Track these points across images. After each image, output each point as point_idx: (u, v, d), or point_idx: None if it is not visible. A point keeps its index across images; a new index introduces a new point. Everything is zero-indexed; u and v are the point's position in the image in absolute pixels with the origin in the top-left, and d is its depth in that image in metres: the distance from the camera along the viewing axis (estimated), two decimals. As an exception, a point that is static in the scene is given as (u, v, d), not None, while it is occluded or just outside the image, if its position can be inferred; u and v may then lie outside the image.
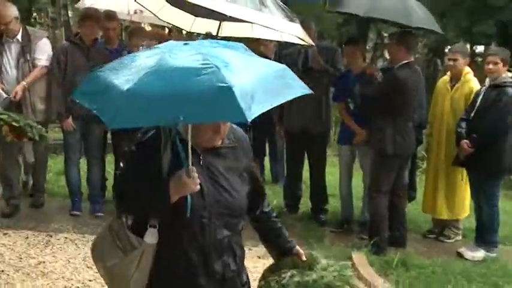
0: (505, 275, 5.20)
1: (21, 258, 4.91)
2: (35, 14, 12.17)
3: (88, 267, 4.76)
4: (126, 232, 2.08)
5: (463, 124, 5.41)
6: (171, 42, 2.08)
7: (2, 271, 4.60)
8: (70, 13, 12.60)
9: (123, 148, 5.49)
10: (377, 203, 5.45)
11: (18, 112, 5.22)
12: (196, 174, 1.98)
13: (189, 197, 2.01)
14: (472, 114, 5.35)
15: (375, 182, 5.45)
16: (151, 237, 2.05)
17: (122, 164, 2.03)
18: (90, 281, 4.62)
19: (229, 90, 1.70)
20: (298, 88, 2.01)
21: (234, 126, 2.24)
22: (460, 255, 5.66)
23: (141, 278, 2.09)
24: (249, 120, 1.71)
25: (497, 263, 5.46)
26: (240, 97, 1.71)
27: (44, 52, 5.64)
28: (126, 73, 1.89)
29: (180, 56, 1.86)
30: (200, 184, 2.01)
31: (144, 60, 1.91)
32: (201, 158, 2.09)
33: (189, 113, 1.76)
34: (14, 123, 4.89)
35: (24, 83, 5.44)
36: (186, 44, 1.97)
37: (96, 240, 2.23)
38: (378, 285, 4.74)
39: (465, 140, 5.27)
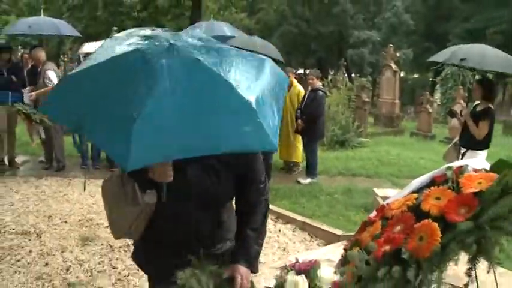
0: (320, 190, 7.50)
1: (54, 192, 6.94)
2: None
3: (91, 196, 6.51)
4: (134, 187, 1.88)
5: (298, 111, 8.09)
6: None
7: (45, 200, 6.54)
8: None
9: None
10: None
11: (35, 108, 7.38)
12: (169, 168, 1.79)
13: (164, 184, 1.83)
14: (302, 105, 8.06)
15: None
16: (150, 197, 1.89)
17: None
18: (93, 204, 6.28)
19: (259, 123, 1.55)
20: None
21: None
22: (298, 182, 8.01)
23: (137, 229, 1.97)
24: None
25: (316, 185, 7.84)
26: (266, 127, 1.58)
27: (50, 77, 7.65)
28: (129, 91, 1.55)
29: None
30: (182, 166, 1.81)
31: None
32: None
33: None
34: (24, 112, 7.21)
35: (39, 92, 7.58)
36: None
37: (105, 183, 2.03)
38: None
39: (300, 120, 8.01)
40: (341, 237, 5.30)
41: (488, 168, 1.76)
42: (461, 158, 5.84)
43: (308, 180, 8.09)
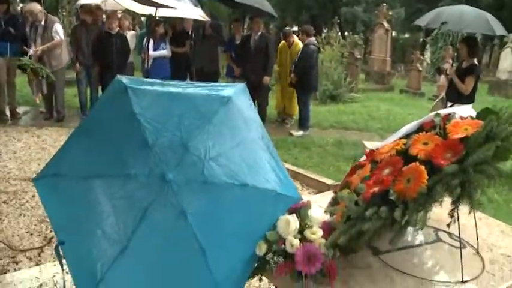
0: (312, 142, 7.56)
1: (55, 141, 6.90)
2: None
3: None
4: None
5: (293, 65, 8.02)
6: None
7: (46, 148, 6.55)
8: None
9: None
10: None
11: (40, 63, 7.39)
12: None
13: None
14: (297, 60, 8.00)
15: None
16: None
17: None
18: None
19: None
20: None
21: None
22: (290, 134, 8.04)
23: None
24: None
25: (308, 137, 7.88)
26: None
27: (57, 32, 7.66)
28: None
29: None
30: None
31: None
32: None
33: None
34: (32, 66, 7.13)
35: (45, 46, 7.57)
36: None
37: None
38: None
39: (293, 74, 7.97)
40: (331, 187, 5.32)
41: (474, 115, 1.77)
42: (448, 112, 5.87)
43: (300, 133, 8.11)
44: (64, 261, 1.71)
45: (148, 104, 1.68)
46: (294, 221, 1.62)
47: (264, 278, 1.78)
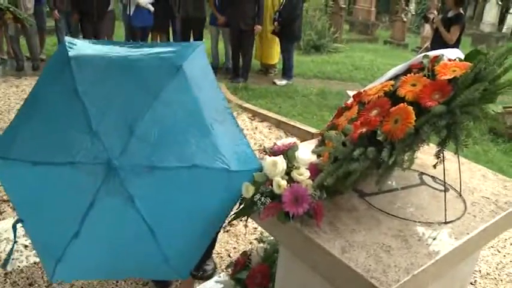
0: (295, 91, 7.64)
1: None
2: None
3: None
4: None
5: (277, 13, 7.80)
6: None
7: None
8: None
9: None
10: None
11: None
12: None
13: None
14: (281, 7, 7.78)
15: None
16: None
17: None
18: None
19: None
20: None
21: None
22: (274, 83, 8.04)
23: None
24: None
25: (291, 86, 7.93)
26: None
27: None
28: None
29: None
30: None
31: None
32: None
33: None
34: (18, 16, 6.89)
35: None
36: None
37: None
38: (231, 100, 6.74)
39: (276, 22, 7.75)
40: (315, 135, 5.36)
41: (462, 57, 1.75)
42: (433, 62, 5.88)
43: (284, 82, 8.12)
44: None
45: (92, 80, 1.62)
46: (281, 162, 1.61)
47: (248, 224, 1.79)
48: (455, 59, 1.72)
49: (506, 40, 17.56)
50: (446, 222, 1.70)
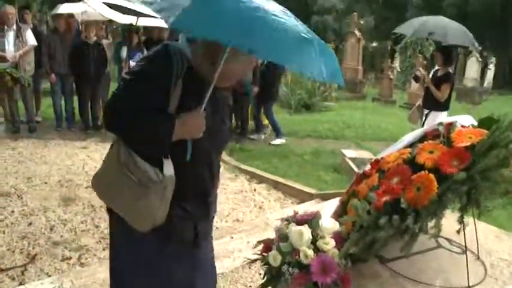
0: (290, 151, 7.58)
1: (31, 153, 6.71)
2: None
3: (68, 158, 6.57)
4: (140, 165, 1.57)
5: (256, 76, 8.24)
6: None
7: (23, 161, 6.33)
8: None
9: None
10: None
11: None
12: (204, 120, 1.56)
13: (189, 142, 1.59)
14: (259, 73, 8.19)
15: None
16: (169, 168, 1.59)
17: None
18: (71, 165, 6.27)
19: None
20: None
21: None
22: (269, 143, 8.08)
23: (164, 209, 1.61)
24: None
25: (286, 146, 7.94)
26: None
27: (30, 37, 7.46)
28: None
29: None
30: (207, 124, 1.58)
31: None
32: (215, 93, 1.64)
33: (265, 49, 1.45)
34: (14, 75, 7.05)
35: (20, 52, 7.27)
36: None
37: (101, 172, 1.73)
38: (228, 161, 6.71)
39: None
40: (314, 196, 5.38)
41: (475, 124, 1.82)
42: (425, 119, 6.06)
43: (278, 140, 8.20)
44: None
45: None
46: (306, 231, 1.62)
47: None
48: (468, 126, 1.79)
49: (489, 94, 18.12)
50: (469, 287, 1.70)
